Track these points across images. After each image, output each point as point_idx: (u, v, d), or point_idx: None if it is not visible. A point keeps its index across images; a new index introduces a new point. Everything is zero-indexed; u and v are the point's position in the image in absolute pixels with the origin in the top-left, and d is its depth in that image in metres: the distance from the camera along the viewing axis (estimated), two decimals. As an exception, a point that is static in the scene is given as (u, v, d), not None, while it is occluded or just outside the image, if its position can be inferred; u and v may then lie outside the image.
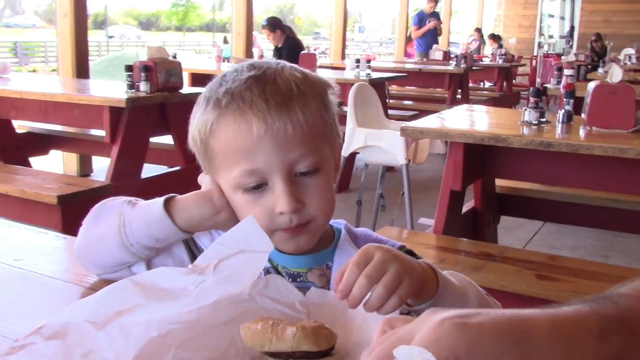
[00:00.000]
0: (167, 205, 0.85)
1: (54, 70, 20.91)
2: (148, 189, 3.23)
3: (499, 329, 0.48)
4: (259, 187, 0.81)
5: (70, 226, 2.90)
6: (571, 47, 7.38)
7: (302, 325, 0.68)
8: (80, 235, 0.90)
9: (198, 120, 0.86)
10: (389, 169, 4.05)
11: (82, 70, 4.76)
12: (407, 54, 11.05)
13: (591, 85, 2.51)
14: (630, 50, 8.22)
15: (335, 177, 0.90)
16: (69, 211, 2.91)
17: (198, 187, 0.91)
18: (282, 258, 0.87)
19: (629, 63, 7.73)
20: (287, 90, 0.82)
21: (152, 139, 3.67)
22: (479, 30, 13.53)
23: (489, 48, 12.94)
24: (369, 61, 5.26)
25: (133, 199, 0.90)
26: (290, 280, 0.83)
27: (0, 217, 2.61)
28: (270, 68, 0.85)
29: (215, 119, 0.83)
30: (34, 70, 22.74)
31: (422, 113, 5.26)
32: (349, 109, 3.39)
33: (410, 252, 0.90)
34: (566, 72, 2.76)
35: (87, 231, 0.89)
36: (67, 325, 0.67)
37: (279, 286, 0.76)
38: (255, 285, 0.75)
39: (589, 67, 10.22)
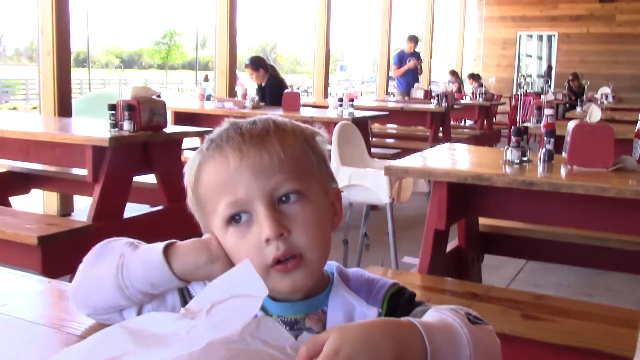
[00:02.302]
0: (166, 251, 0.85)
1: (35, 107, 20.87)
2: (130, 229, 3.19)
3: None
4: (245, 218, 0.81)
5: (50, 267, 2.88)
6: (550, 86, 7.52)
7: None
8: (78, 273, 0.89)
9: (187, 172, 0.88)
10: (373, 207, 4.06)
11: (64, 108, 4.75)
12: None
13: (571, 124, 2.55)
14: (607, 90, 8.39)
15: (336, 223, 0.89)
16: (50, 252, 2.87)
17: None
18: (278, 307, 0.86)
19: (605, 102, 7.89)
20: (264, 127, 0.85)
21: (135, 178, 3.65)
22: (454, 72, 13.59)
23: (468, 87, 13.13)
24: (351, 100, 5.31)
25: (135, 241, 0.89)
26: (287, 328, 0.81)
27: (-21, 258, 2.57)
28: (254, 117, 0.87)
29: (198, 164, 0.86)
30: (14, 108, 22.70)
31: (405, 151, 5.31)
32: (332, 147, 3.41)
33: (402, 289, 0.89)
34: (546, 111, 2.81)
35: (86, 270, 0.88)
36: (54, 374, 0.65)
37: (270, 328, 0.75)
38: (246, 327, 0.74)
39: (567, 105, 10.43)
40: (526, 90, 8.97)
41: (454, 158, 3.03)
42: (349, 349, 0.66)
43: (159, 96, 3.63)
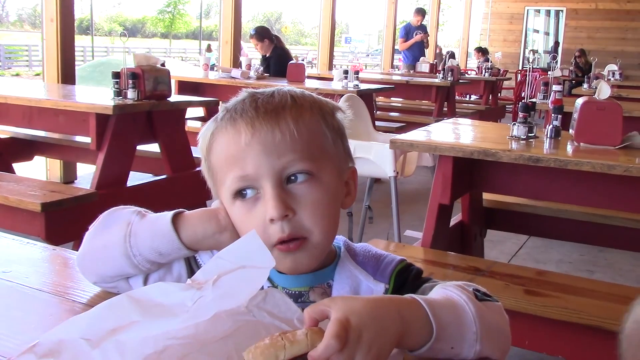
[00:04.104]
0: (175, 220, 0.84)
1: (37, 74, 20.79)
2: (134, 197, 3.18)
3: None
4: (252, 194, 0.80)
5: (53, 234, 2.88)
6: (557, 62, 7.46)
7: (308, 329, 0.66)
8: (85, 241, 0.88)
9: (201, 139, 0.87)
10: (377, 180, 4.05)
11: (68, 75, 4.71)
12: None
13: (579, 101, 2.53)
14: (614, 67, 8.31)
15: (348, 203, 0.88)
16: (53, 219, 2.87)
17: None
18: (283, 279, 0.85)
19: (612, 79, 7.82)
20: (280, 101, 0.82)
21: (138, 147, 3.64)
22: (452, 54, 12.48)
23: (474, 61, 13.00)
24: (356, 72, 5.27)
25: (142, 209, 0.88)
26: (292, 300, 0.81)
27: (-18, 224, 2.57)
28: (273, 89, 0.85)
29: (212, 133, 0.85)
30: (17, 74, 22.61)
31: (409, 125, 5.29)
32: (337, 120, 3.39)
33: (409, 265, 0.88)
34: (554, 87, 2.78)
35: (93, 237, 0.88)
36: (61, 342, 0.65)
37: (277, 300, 0.75)
38: (253, 299, 0.73)
39: (573, 82, 10.35)
40: (533, 66, 8.89)
41: (459, 133, 3.01)
42: (357, 320, 0.65)
43: (162, 65, 3.60)
